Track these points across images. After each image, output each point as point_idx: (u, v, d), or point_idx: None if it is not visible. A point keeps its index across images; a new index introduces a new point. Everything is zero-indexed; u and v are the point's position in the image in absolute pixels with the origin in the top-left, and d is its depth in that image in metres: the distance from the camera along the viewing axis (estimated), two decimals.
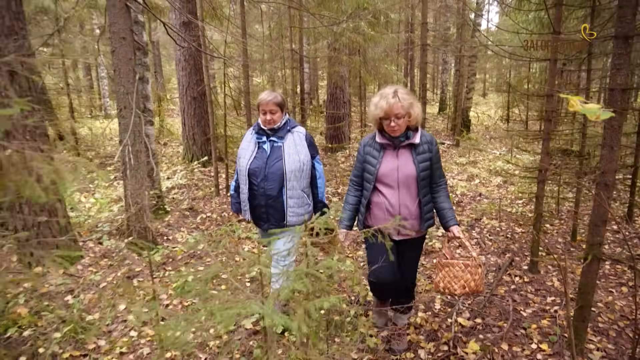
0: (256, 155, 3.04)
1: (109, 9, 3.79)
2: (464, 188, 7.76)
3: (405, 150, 2.65)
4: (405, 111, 2.52)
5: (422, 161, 2.63)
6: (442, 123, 16.41)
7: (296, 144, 3.05)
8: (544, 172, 3.98)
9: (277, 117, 3.03)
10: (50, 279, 3.70)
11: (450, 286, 2.57)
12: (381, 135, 2.67)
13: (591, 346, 3.05)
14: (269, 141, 3.06)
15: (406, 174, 2.61)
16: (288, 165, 2.98)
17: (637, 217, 6.03)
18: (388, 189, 2.66)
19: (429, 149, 2.65)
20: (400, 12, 12.96)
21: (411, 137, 2.62)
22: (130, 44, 3.86)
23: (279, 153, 3.02)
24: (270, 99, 2.99)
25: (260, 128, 3.06)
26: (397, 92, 2.53)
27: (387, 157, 2.66)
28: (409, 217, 2.66)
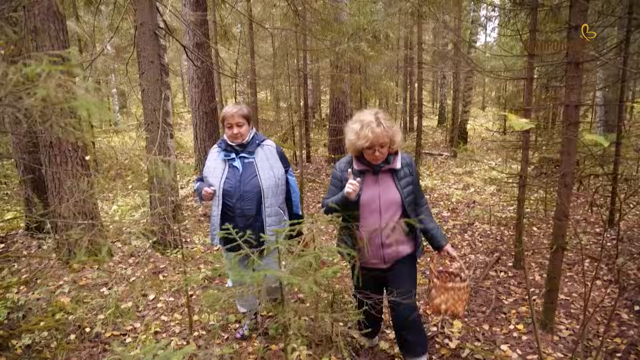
0: (228, 174, 2.84)
1: (139, 37, 4.35)
2: (459, 196, 8.24)
3: (385, 175, 2.49)
4: (389, 139, 2.36)
5: (405, 185, 2.50)
6: (440, 135, 16.96)
7: (268, 159, 2.91)
8: (523, 177, 4.47)
9: (244, 131, 2.84)
10: (87, 273, 4.19)
11: (454, 308, 2.45)
12: (359, 162, 2.48)
13: (561, 327, 3.50)
14: (238, 158, 2.86)
15: (389, 201, 2.46)
16: (264, 182, 2.84)
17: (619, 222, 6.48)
18: (369, 217, 2.49)
19: (409, 172, 2.53)
20: (399, 31, 13.59)
21: (392, 162, 2.46)
22: (157, 66, 4.41)
23: (252, 170, 2.85)
24: (236, 111, 2.81)
25: (228, 145, 2.86)
26: (379, 119, 2.34)
27: (366, 184, 2.47)
28: (394, 243, 2.53)
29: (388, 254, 2.55)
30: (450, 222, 6.63)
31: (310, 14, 6.73)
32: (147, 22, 4.28)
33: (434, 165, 11.57)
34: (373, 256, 2.56)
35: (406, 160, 2.54)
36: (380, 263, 2.58)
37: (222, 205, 2.86)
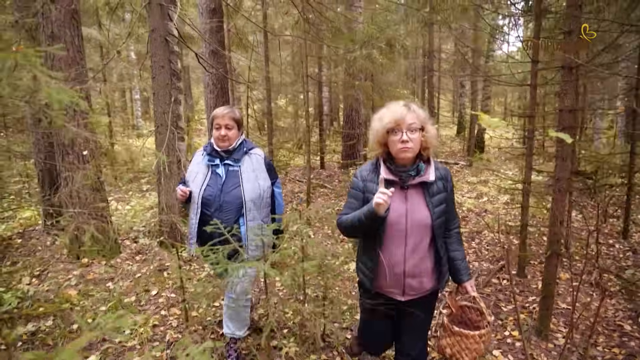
0: (209, 181, 2.66)
1: (151, 43, 4.52)
2: (471, 205, 8.17)
3: (415, 190, 2.05)
4: (420, 123, 1.98)
5: (438, 204, 2.06)
6: (458, 145, 16.83)
7: (254, 169, 2.71)
8: (527, 185, 4.44)
9: (233, 135, 2.66)
10: (94, 269, 4.35)
11: (460, 356, 2.16)
12: (387, 169, 2.05)
13: (558, 335, 3.46)
14: (223, 165, 2.68)
15: (418, 222, 2.03)
16: (247, 193, 2.63)
17: (634, 234, 6.35)
18: (392, 240, 2.07)
19: (444, 187, 2.09)
20: (417, 39, 13.62)
21: (423, 173, 2.03)
22: (167, 71, 4.57)
23: (235, 179, 2.66)
24: (227, 112, 2.64)
25: (214, 149, 2.69)
26: (408, 104, 2.02)
27: (392, 200, 2.01)
28: (418, 274, 2.10)
29: (410, 285, 2.12)
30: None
31: (321, 22, 6.85)
32: (159, 28, 4.45)
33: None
34: (392, 285, 2.14)
35: (441, 172, 2.10)
36: (398, 294, 2.15)
37: (200, 214, 2.64)
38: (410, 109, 1.98)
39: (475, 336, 2.10)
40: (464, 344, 2.12)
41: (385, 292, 2.19)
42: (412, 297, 2.15)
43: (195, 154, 2.81)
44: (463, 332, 2.10)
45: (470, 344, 2.11)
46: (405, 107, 1.97)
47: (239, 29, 7.90)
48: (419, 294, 2.15)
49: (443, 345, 2.19)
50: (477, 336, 2.10)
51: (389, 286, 2.15)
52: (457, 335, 2.13)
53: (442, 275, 2.16)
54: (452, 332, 2.14)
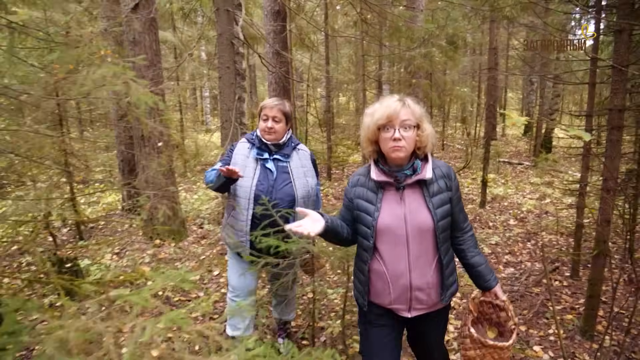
0: (259, 176, 2.48)
1: (218, 45, 4.94)
2: (531, 206, 7.96)
3: (413, 190, 1.88)
4: (415, 120, 1.81)
5: (440, 204, 1.87)
6: (525, 144, 16.18)
7: (303, 165, 2.60)
8: (582, 185, 4.36)
9: (280, 129, 2.52)
10: (165, 249, 4.85)
11: None
12: (378, 170, 1.89)
13: (607, 337, 3.41)
14: (272, 159, 2.53)
15: (418, 226, 1.84)
16: (299, 191, 2.52)
17: None
18: (391, 248, 1.87)
19: (446, 186, 1.90)
20: (481, 35, 13.29)
21: (420, 170, 1.87)
22: (232, 71, 4.97)
23: (286, 175, 2.52)
24: (277, 104, 2.51)
25: (262, 142, 2.53)
26: (403, 98, 1.85)
27: (388, 203, 1.88)
28: (425, 286, 1.88)
29: (418, 299, 1.89)
30: (515, 230, 6.49)
31: (379, 22, 7.00)
32: (226, 32, 4.85)
33: (512, 174, 11.16)
34: (397, 300, 1.90)
35: (442, 170, 1.92)
36: (404, 310, 1.92)
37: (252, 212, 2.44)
38: (405, 103, 1.81)
39: (510, 347, 1.88)
40: (497, 355, 1.88)
41: (389, 308, 1.95)
42: (420, 313, 1.92)
43: (237, 145, 2.60)
44: (498, 345, 1.86)
45: (504, 354, 1.89)
46: (399, 102, 1.79)
47: (300, 29, 8.24)
48: (428, 308, 1.93)
49: (471, 356, 1.95)
50: (510, 347, 1.88)
51: (394, 301, 1.90)
52: (490, 347, 1.87)
53: (446, 287, 1.92)
54: (483, 344, 1.87)
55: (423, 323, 2.00)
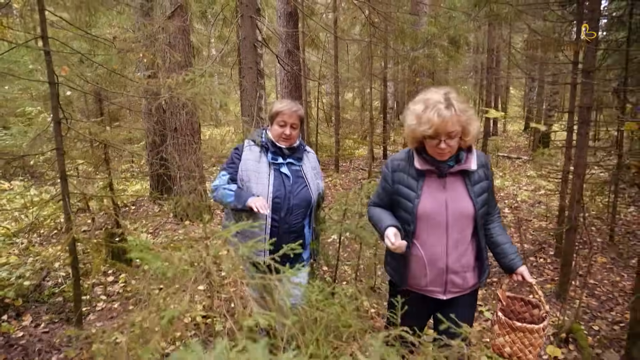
0: (275, 182, 2.39)
1: (242, 48, 5.53)
2: (525, 196, 8.54)
3: (455, 178, 1.94)
4: (461, 127, 1.81)
5: (480, 193, 1.94)
6: (525, 140, 16.74)
7: (313, 167, 2.59)
8: (564, 173, 4.94)
9: (296, 135, 2.47)
10: (194, 229, 5.47)
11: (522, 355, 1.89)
12: (422, 159, 1.93)
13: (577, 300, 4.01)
14: (286, 164, 2.46)
15: (460, 213, 1.91)
16: (314, 194, 2.50)
17: None
18: (431, 233, 1.93)
19: (485, 175, 1.97)
20: (482, 35, 13.83)
21: (464, 161, 1.91)
22: (254, 71, 5.57)
23: (300, 179, 2.47)
24: (295, 109, 2.42)
25: (276, 146, 2.43)
26: (449, 100, 1.79)
27: (429, 189, 1.93)
28: (461, 269, 1.96)
29: (453, 282, 1.96)
30: (509, 217, 7.07)
31: (385, 25, 7.57)
32: (249, 36, 5.45)
33: (510, 168, 11.73)
34: (433, 282, 1.98)
35: (482, 160, 1.97)
36: (440, 292, 1.99)
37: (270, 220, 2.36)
38: (454, 110, 1.76)
39: (540, 330, 1.83)
40: (528, 340, 1.85)
41: (423, 291, 2.02)
42: (454, 295, 2.00)
43: (245, 148, 2.48)
44: (527, 327, 1.83)
45: (535, 339, 1.85)
46: (447, 110, 1.75)
47: (311, 30, 8.82)
48: (462, 290, 2.00)
49: (501, 343, 1.90)
50: (542, 329, 1.84)
51: (430, 284, 1.98)
52: (520, 331, 1.85)
53: (484, 270, 2.02)
54: (512, 328, 1.86)
55: (455, 304, 2.00)
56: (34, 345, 3.12)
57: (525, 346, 1.86)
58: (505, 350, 1.90)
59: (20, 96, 5.13)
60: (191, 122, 5.24)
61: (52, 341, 3.19)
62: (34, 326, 3.42)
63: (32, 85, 4.70)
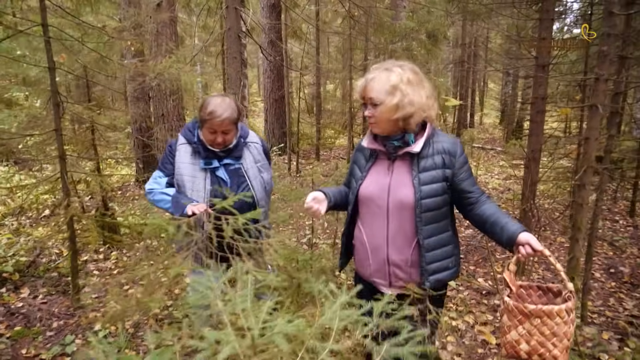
0: (211, 187, 2.23)
1: (227, 39, 5.77)
2: (496, 184, 9.01)
3: (403, 162, 1.79)
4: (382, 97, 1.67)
5: (430, 181, 1.73)
6: (500, 132, 17.34)
7: (257, 161, 2.36)
8: (527, 159, 5.35)
9: (231, 137, 2.23)
10: None
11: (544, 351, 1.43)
12: (371, 137, 1.84)
13: (535, 275, 4.43)
14: (222, 165, 2.26)
15: (399, 200, 1.74)
16: (258, 193, 2.32)
17: (639, 213, 7.03)
18: (372, 219, 1.82)
19: (444, 163, 1.75)
20: (462, 30, 14.23)
21: (412, 143, 1.74)
22: (239, 61, 5.82)
23: (240, 178, 2.28)
24: (227, 116, 2.10)
25: (208, 149, 2.21)
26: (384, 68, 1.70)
27: (376, 172, 1.83)
28: (403, 264, 1.78)
29: (397, 275, 1.81)
30: None
31: (367, 18, 7.87)
32: (234, 27, 5.69)
33: (484, 158, 12.24)
34: (376, 273, 1.86)
35: (444, 145, 1.77)
36: (384, 285, 1.86)
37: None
38: (385, 76, 1.66)
39: (562, 312, 1.40)
40: (548, 329, 1.41)
41: (370, 281, 1.90)
42: (401, 291, 1.80)
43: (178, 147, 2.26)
44: (545, 310, 1.41)
45: (558, 327, 1.40)
46: (380, 74, 1.68)
47: (294, 22, 9.06)
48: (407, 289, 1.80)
49: (514, 339, 1.48)
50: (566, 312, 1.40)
51: (373, 274, 1.86)
52: (536, 316, 1.43)
53: (426, 272, 1.76)
54: (525, 314, 1.45)
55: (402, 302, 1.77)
56: (35, 314, 3.37)
57: (547, 338, 1.40)
58: (522, 348, 1.44)
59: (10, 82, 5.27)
60: (177, 108, 5.47)
61: (52, 310, 3.44)
62: (32, 297, 3.66)
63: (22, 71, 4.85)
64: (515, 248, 1.60)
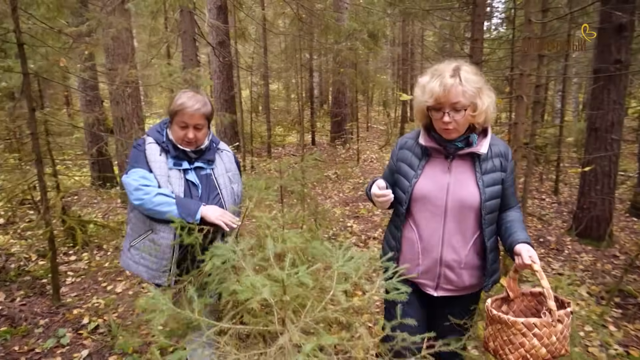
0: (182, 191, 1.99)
1: (183, 42, 5.94)
2: None
3: (463, 162, 1.76)
4: (468, 100, 1.63)
5: (491, 183, 1.74)
6: None
7: (228, 170, 2.19)
8: None
9: (203, 135, 2.06)
10: None
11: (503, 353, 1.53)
12: (428, 136, 1.79)
13: None
14: (193, 169, 2.06)
15: (461, 199, 1.72)
16: (228, 204, 2.11)
17: (562, 191, 7.98)
18: (427, 218, 1.78)
19: (501, 166, 1.77)
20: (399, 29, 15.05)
21: (475, 144, 1.73)
22: (195, 62, 6.00)
23: (211, 186, 2.09)
24: (198, 107, 1.97)
25: (179, 149, 2.02)
26: (457, 70, 1.64)
27: (432, 170, 1.78)
28: (457, 265, 1.77)
29: (447, 277, 1.79)
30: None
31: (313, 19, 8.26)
32: (189, 30, 5.87)
33: None
34: (425, 274, 1.82)
35: (500, 148, 1.79)
36: (431, 287, 1.83)
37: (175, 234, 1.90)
38: (458, 80, 1.60)
39: (518, 324, 1.47)
40: (505, 335, 1.51)
41: (416, 282, 1.85)
42: (447, 294, 1.81)
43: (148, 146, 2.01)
44: (501, 318, 1.51)
45: (514, 337, 1.49)
46: (451, 79, 1.60)
47: (241, 23, 9.28)
48: (457, 290, 1.81)
49: (486, 336, 1.63)
50: (522, 325, 1.47)
51: (422, 275, 1.81)
52: (497, 322, 1.54)
53: (489, 273, 1.79)
54: (491, 317, 1.56)
55: (447, 305, 1.84)
56: (18, 314, 3.43)
57: (505, 343, 1.51)
58: (490, 345, 1.59)
59: None
60: (137, 111, 5.57)
61: (34, 310, 3.53)
62: (10, 300, 3.71)
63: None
64: (515, 257, 1.66)
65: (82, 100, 6.62)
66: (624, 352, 3.02)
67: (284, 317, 1.48)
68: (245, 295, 1.45)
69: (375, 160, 10.51)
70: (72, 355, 2.90)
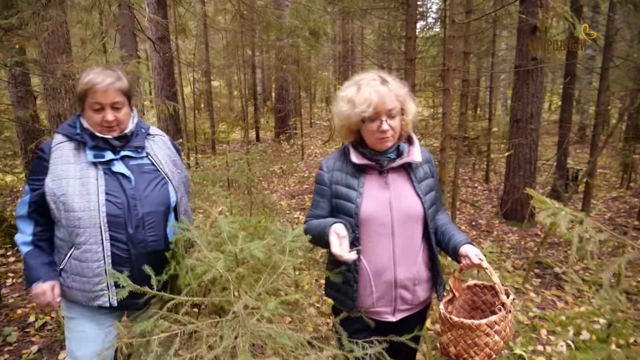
0: (108, 188, 1.67)
1: (122, 37, 5.84)
2: None
3: (398, 174, 1.71)
4: (401, 105, 1.61)
5: (428, 190, 1.73)
6: None
7: (169, 155, 1.90)
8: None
9: (125, 116, 1.71)
10: None
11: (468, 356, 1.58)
12: (358, 153, 1.69)
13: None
14: (119, 159, 1.73)
15: (407, 213, 1.67)
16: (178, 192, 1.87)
17: (492, 179, 8.61)
18: (374, 239, 1.68)
19: (430, 172, 1.77)
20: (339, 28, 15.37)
21: (406, 154, 1.69)
22: (135, 57, 5.91)
23: (149, 175, 1.78)
24: (111, 81, 1.63)
25: (98, 138, 1.67)
26: (383, 77, 1.61)
27: (369, 188, 1.68)
28: (410, 283, 1.71)
29: (403, 298, 1.72)
30: None
31: (255, 16, 8.33)
32: (128, 24, 5.78)
33: None
34: (380, 301, 1.72)
35: (426, 155, 1.77)
36: (389, 314, 1.74)
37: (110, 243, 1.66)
38: (389, 87, 1.58)
39: (483, 326, 1.53)
40: (470, 339, 1.56)
41: (373, 316, 1.74)
42: (404, 315, 1.75)
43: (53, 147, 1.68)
44: (465, 323, 1.55)
45: (479, 338, 1.55)
46: (383, 86, 1.57)
47: (181, 17, 9.16)
48: (411, 309, 1.77)
49: (445, 342, 1.64)
50: (486, 326, 1.53)
51: (377, 303, 1.72)
52: (459, 327, 1.57)
53: (439, 282, 1.80)
54: (452, 324, 1.59)
55: (405, 326, 1.75)
56: None
57: (469, 346, 1.55)
58: (451, 350, 1.61)
59: None
60: (75, 107, 5.42)
61: None
62: None
63: None
64: (460, 258, 1.65)
65: (12, 96, 6.30)
66: (541, 314, 3.43)
67: (239, 288, 1.63)
68: (201, 269, 1.60)
69: (319, 155, 10.75)
70: (20, 352, 2.86)
